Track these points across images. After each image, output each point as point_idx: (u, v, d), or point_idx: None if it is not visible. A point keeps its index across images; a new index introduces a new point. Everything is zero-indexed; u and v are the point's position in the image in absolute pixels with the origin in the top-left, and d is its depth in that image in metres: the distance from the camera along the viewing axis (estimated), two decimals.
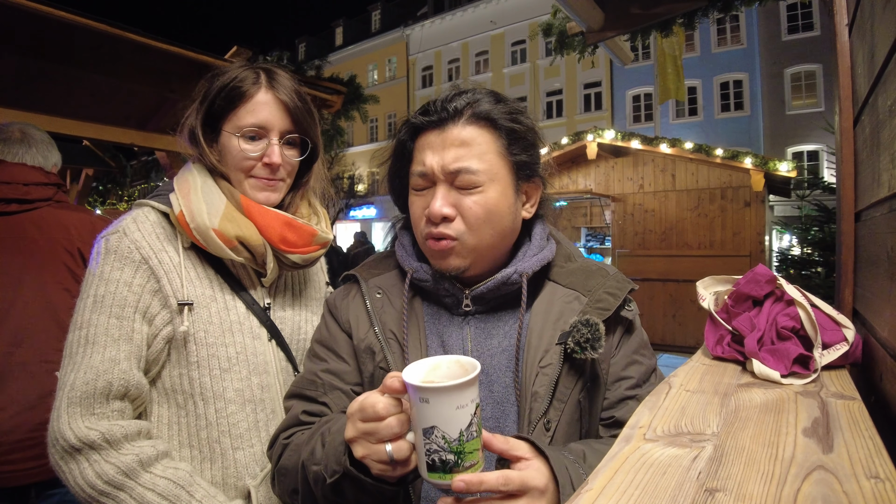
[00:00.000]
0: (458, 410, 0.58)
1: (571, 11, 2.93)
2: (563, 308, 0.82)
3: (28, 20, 1.98)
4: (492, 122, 0.79)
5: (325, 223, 1.05)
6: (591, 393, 0.81)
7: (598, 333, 0.75)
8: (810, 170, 14.50)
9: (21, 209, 1.57)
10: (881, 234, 0.83)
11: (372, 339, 0.83)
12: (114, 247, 0.88)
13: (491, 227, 0.79)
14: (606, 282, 0.84)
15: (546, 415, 0.76)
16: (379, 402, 0.62)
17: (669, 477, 0.46)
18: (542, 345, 0.79)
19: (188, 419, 0.90)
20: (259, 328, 0.95)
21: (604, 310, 0.80)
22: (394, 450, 0.62)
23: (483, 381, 0.79)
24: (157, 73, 2.56)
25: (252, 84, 0.93)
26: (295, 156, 0.99)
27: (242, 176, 0.95)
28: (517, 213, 0.83)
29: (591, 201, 8.65)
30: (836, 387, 0.71)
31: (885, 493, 0.41)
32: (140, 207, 0.95)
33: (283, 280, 1.04)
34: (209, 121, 0.94)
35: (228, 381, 0.91)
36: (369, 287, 0.88)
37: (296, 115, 0.96)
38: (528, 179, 0.84)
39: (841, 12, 1.16)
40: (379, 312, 0.85)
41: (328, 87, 3.37)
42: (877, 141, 0.85)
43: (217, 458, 0.89)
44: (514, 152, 0.80)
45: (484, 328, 0.83)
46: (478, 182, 0.77)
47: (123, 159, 5.68)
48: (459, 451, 0.59)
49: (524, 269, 0.81)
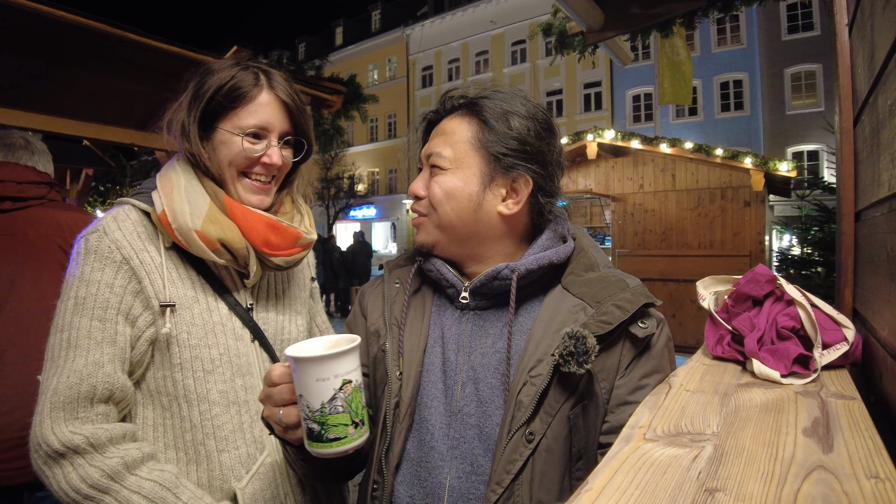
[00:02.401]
0: (319, 383, 0.64)
1: (571, 11, 2.93)
2: (566, 318, 0.79)
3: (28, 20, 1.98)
4: (476, 114, 0.83)
5: (308, 221, 1.04)
6: (587, 411, 0.77)
7: (585, 347, 0.71)
8: (810, 170, 14.51)
9: (14, 207, 1.58)
10: (881, 234, 0.83)
11: (380, 323, 0.89)
12: (94, 247, 0.87)
13: (449, 208, 0.82)
14: (620, 294, 0.80)
15: (528, 426, 0.74)
16: (275, 370, 0.71)
17: (669, 477, 0.46)
18: (537, 353, 0.77)
19: (173, 421, 0.89)
20: (242, 329, 0.94)
21: (605, 323, 0.76)
22: (283, 414, 0.70)
23: (471, 378, 0.81)
24: (157, 73, 2.55)
25: (254, 85, 0.93)
26: (291, 156, 0.99)
27: (236, 175, 0.94)
28: (487, 205, 0.82)
29: (591, 201, 8.65)
30: (836, 387, 0.71)
31: (885, 493, 0.41)
32: (121, 206, 0.93)
33: (267, 280, 1.03)
34: (204, 119, 0.93)
35: (212, 382, 0.90)
36: (391, 277, 0.94)
37: (295, 117, 0.97)
38: (508, 174, 0.82)
39: (841, 12, 1.16)
40: (392, 300, 0.90)
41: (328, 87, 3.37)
42: (877, 141, 0.85)
43: (202, 460, 0.89)
44: (490, 144, 0.81)
45: (481, 325, 0.84)
46: (442, 165, 0.83)
47: (123, 159, 5.67)
48: (322, 423, 0.65)
49: (517, 266, 0.81)
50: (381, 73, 27.77)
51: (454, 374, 0.82)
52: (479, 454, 0.78)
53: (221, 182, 0.94)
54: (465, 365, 0.82)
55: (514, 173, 0.82)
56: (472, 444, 0.78)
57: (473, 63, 24.13)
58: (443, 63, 25.18)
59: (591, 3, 2.91)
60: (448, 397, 0.82)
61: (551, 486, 0.75)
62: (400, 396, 0.82)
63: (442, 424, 0.80)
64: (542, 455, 0.75)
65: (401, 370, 0.83)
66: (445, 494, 0.77)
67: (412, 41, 26.23)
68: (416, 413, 0.83)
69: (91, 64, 2.47)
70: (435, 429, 0.80)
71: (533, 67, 22.00)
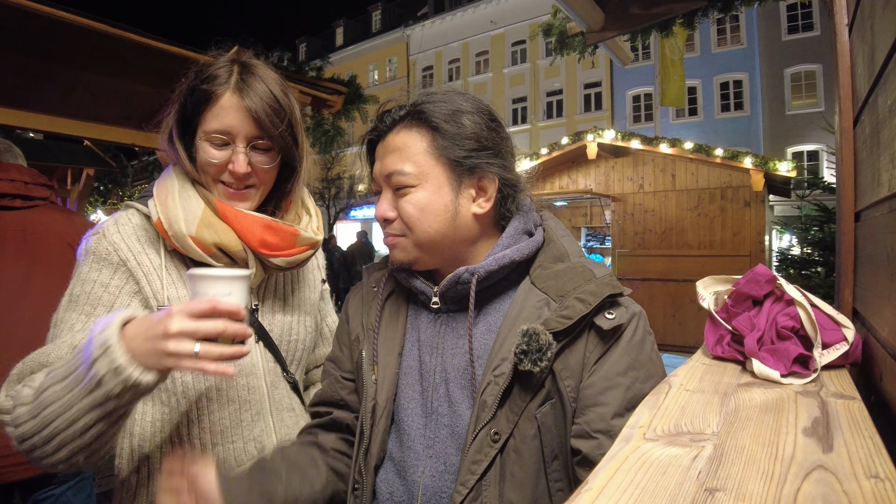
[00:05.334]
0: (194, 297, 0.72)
1: (571, 11, 2.92)
2: (530, 314, 0.77)
3: (28, 20, 1.98)
4: (424, 122, 0.79)
5: (316, 222, 1.01)
6: (555, 410, 0.75)
7: (538, 345, 0.70)
8: (810, 170, 14.49)
9: (25, 205, 1.64)
10: (881, 234, 0.83)
11: (359, 329, 0.90)
12: (93, 247, 0.88)
13: (427, 225, 0.79)
14: (584, 286, 0.76)
15: (492, 425, 0.73)
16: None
17: (669, 476, 0.46)
18: (501, 351, 0.76)
19: (171, 416, 0.90)
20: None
21: (565, 318, 0.73)
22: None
23: (443, 379, 0.81)
24: (158, 73, 2.55)
25: (221, 84, 0.87)
26: (266, 162, 0.91)
27: (211, 182, 0.91)
28: (463, 210, 0.81)
29: (591, 201, 8.65)
30: (836, 386, 0.71)
31: (885, 492, 0.41)
32: (126, 209, 0.94)
33: (274, 280, 1.02)
34: (184, 124, 0.91)
35: (212, 380, 0.90)
36: (369, 281, 0.94)
37: (263, 121, 0.87)
38: (473, 174, 0.80)
39: (841, 12, 1.16)
40: (368, 305, 0.90)
41: (328, 88, 3.37)
42: (877, 141, 0.85)
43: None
44: (449, 149, 0.78)
45: (453, 327, 0.84)
46: (408, 183, 0.79)
47: (124, 159, 5.68)
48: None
49: (477, 269, 0.79)
50: (382, 73, 27.76)
51: (430, 376, 0.83)
52: (451, 453, 0.78)
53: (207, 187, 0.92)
54: (439, 367, 0.82)
55: (479, 172, 0.80)
56: (446, 443, 0.79)
57: (474, 63, 24.13)
58: (443, 63, 25.18)
59: (591, 3, 2.91)
60: (424, 398, 0.82)
61: (523, 488, 0.74)
62: (375, 400, 0.83)
63: (419, 425, 0.81)
64: (511, 455, 0.74)
65: (376, 375, 0.84)
66: (419, 492, 0.78)
67: (412, 41, 26.22)
68: (395, 415, 0.84)
69: (92, 64, 2.48)
70: (412, 429, 0.81)
71: (533, 67, 21.99)
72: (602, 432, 0.71)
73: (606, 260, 8.55)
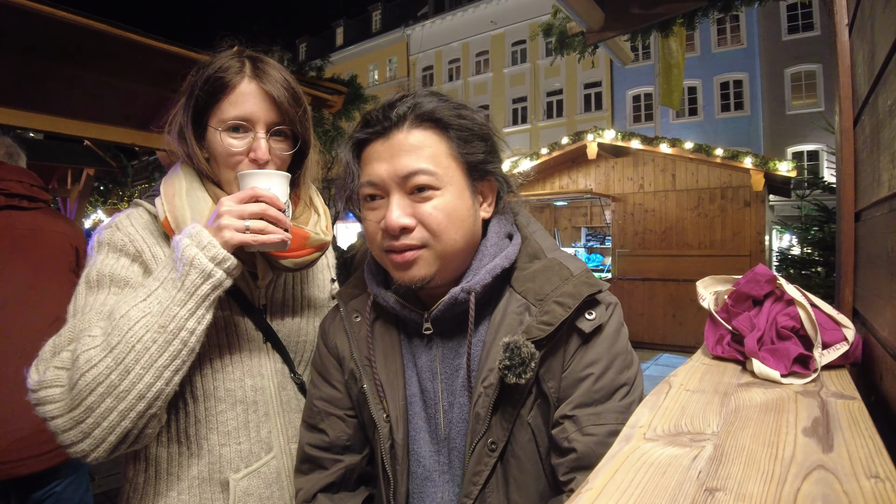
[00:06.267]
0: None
1: (571, 11, 2.93)
2: (512, 321, 0.74)
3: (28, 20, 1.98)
4: (438, 122, 0.74)
5: (325, 222, 1.00)
6: (543, 413, 0.75)
7: (520, 358, 0.68)
8: (810, 170, 14.49)
9: (30, 206, 1.68)
10: (881, 234, 0.83)
11: (352, 364, 0.84)
12: (107, 239, 0.87)
13: (454, 232, 0.73)
14: (562, 287, 0.73)
15: (488, 435, 0.73)
16: None
17: (669, 476, 0.46)
18: (488, 363, 0.74)
19: (178, 415, 0.89)
20: (255, 331, 0.93)
21: (546, 325, 0.71)
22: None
23: (449, 403, 0.79)
24: (158, 73, 2.55)
25: (235, 73, 0.86)
26: (285, 149, 0.91)
27: (232, 175, 0.89)
28: (477, 215, 0.78)
29: (591, 201, 8.65)
30: (836, 386, 0.71)
31: (885, 492, 0.41)
32: (135, 207, 0.94)
33: (283, 280, 1.01)
34: (196, 117, 0.89)
35: (220, 381, 0.90)
36: (348, 310, 0.87)
37: (283, 106, 0.87)
38: (483, 178, 0.78)
39: (841, 12, 1.16)
40: (356, 336, 0.84)
41: (329, 88, 3.37)
42: (877, 141, 0.85)
43: (204, 454, 0.89)
44: (466, 152, 0.75)
45: (451, 347, 0.80)
46: (434, 184, 0.72)
47: (125, 159, 5.69)
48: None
49: (472, 286, 0.74)
50: (382, 73, 27.75)
51: (434, 403, 0.80)
52: (461, 473, 0.78)
53: (221, 184, 0.91)
54: (442, 392, 0.80)
55: (488, 176, 0.79)
56: (455, 465, 0.79)
57: (474, 63, 24.12)
58: (443, 63, 25.17)
59: (591, 3, 2.91)
60: (431, 426, 0.81)
61: (526, 489, 0.75)
62: (393, 439, 0.80)
63: (431, 452, 0.80)
64: (510, 461, 0.74)
65: (387, 412, 0.80)
66: None
67: (413, 41, 26.22)
68: (408, 446, 0.82)
69: (92, 64, 2.47)
70: (425, 459, 0.80)
71: (533, 67, 21.99)
72: (567, 418, 0.71)
73: (607, 260, 8.56)
